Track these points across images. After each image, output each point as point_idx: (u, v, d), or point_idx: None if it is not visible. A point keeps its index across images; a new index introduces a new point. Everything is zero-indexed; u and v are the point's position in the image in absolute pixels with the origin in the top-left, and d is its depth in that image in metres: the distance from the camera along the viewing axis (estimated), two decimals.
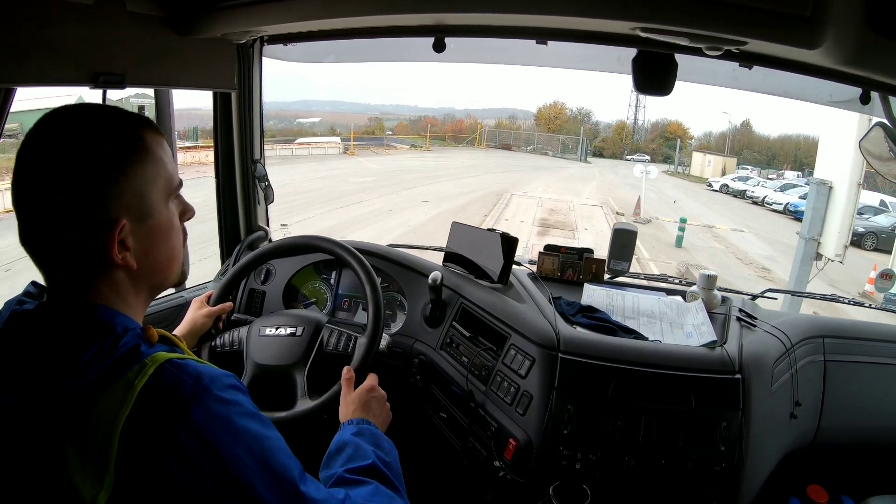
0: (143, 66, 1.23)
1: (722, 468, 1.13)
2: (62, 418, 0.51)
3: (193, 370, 0.56)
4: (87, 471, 0.50)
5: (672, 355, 1.20)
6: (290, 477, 0.59)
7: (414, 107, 42.24)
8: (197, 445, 0.53)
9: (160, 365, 0.55)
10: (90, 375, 0.52)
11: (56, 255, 0.58)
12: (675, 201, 18.64)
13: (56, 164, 0.56)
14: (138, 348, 0.56)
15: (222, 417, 0.55)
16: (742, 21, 0.78)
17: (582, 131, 33.47)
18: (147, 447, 0.51)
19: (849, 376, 1.38)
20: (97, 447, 0.50)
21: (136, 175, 0.59)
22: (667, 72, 1.16)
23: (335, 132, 32.21)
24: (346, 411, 1.02)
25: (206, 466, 0.53)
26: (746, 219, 16.36)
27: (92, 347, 0.54)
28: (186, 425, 0.53)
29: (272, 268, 1.67)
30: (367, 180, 16.77)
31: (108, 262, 0.59)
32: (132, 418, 0.51)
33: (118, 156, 0.58)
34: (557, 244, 1.63)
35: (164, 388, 0.53)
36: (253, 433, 0.57)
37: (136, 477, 0.51)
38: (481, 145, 33.15)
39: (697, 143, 32.50)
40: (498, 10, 0.97)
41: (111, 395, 0.52)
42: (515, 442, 1.19)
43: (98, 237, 0.57)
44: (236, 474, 0.55)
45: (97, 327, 0.56)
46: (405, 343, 1.49)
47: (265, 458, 0.57)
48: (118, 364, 0.53)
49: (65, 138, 0.57)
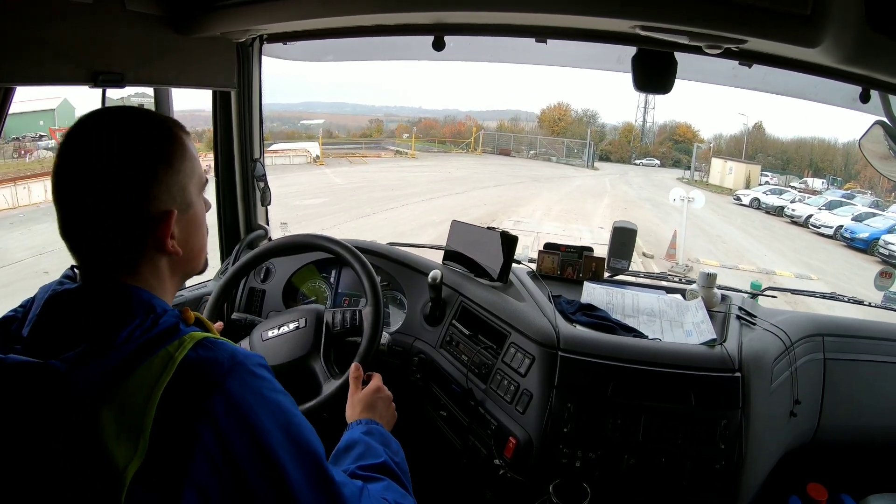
0: (142, 64, 1.23)
1: (722, 466, 1.13)
2: (101, 385, 0.53)
3: (228, 347, 0.60)
4: (121, 437, 0.52)
5: (672, 354, 1.20)
6: (316, 452, 0.62)
7: (418, 108, 41.53)
8: (230, 413, 0.55)
9: (199, 341, 0.58)
10: (130, 346, 0.55)
11: (99, 244, 0.61)
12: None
13: (106, 161, 0.59)
14: (177, 326, 0.59)
15: (255, 390, 0.58)
16: (742, 19, 0.78)
17: (589, 134, 30.53)
18: (183, 414, 0.54)
19: (848, 374, 1.38)
20: (134, 414, 0.52)
21: (180, 170, 0.64)
22: (667, 70, 1.16)
23: (333, 135, 30.33)
24: (353, 412, 1.03)
25: (238, 434, 0.55)
26: (798, 250, 12.67)
27: (134, 321, 0.57)
28: (222, 394, 0.55)
29: (272, 266, 1.67)
30: (315, 203, 12.92)
31: (156, 249, 0.63)
32: (171, 387, 0.54)
33: (164, 152, 0.62)
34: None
35: (202, 361, 0.56)
36: (283, 408, 0.60)
37: (169, 443, 0.53)
38: (476, 150, 29.21)
39: (708, 147, 29.57)
40: (497, 8, 0.97)
41: (150, 365, 0.54)
42: (515, 440, 1.19)
43: (148, 227, 0.61)
44: (265, 444, 0.57)
45: (138, 306, 0.59)
46: (405, 341, 1.49)
47: (293, 433, 0.60)
48: (159, 338, 0.56)
49: (112, 137, 0.61)
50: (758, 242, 12.86)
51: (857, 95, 1.17)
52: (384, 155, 26.36)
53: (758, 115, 33.87)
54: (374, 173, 19.93)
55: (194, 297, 1.63)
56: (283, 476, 0.58)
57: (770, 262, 10.74)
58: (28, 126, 13.76)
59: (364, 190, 15.80)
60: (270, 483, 0.57)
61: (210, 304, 1.33)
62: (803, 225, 15.65)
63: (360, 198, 14.18)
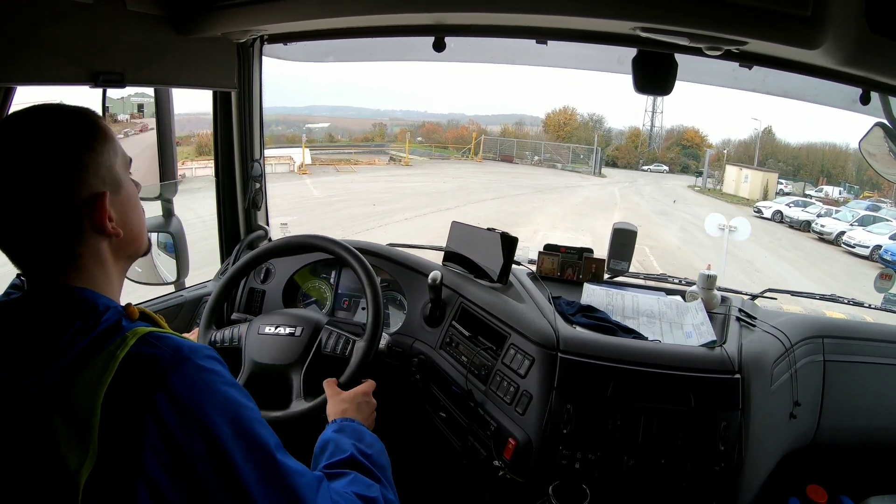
0: (143, 65, 1.23)
1: (721, 468, 1.13)
2: (49, 391, 0.53)
3: (173, 342, 0.59)
4: (72, 440, 0.52)
5: (671, 355, 1.20)
6: (266, 445, 0.61)
7: (423, 112, 40.85)
8: (176, 410, 0.55)
9: (141, 336, 0.57)
10: (74, 349, 0.55)
11: (38, 243, 0.60)
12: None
13: (30, 160, 0.59)
14: (119, 323, 0.59)
15: (200, 384, 0.57)
16: (742, 21, 0.78)
17: (596, 140, 28.96)
18: (128, 413, 0.53)
19: (848, 376, 1.38)
20: (82, 416, 0.52)
21: (103, 151, 0.63)
22: (667, 72, 1.16)
23: (334, 138, 29.44)
24: (335, 409, 1.02)
25: (184, 430, 0.55)
26: (836, 276, 10.91)
27: (76, 324, 0.57)
28: (166, 391, 0.54)
29: (272, 267, 1.67)
30: (274, 223, 7.71)
31: (96, 233, 0.62)
32: (114, 386, 0.53)
33: (84, 137, 0.62)
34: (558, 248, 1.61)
35: (144, 357, 0.56)
36: (231, 401, 0.60)
37: (118, 443, 0.53)
38: (477, 157, 27.69)
39: (716, 152, 28.28)
40: (498, 9, 0.97)
41: (94, 366, 0.54)
42: (515, 441, 1.19)
43: (83, 213, 0.61)
44: (213, 439, 0.56)
45: (80, 306, 0.59)
46: (405, 342, 1.49)
47: (241, 426, 0.59)
48: (101, 337, 0.56)
49: (31, 136, 0.60)
50: (793, 268, 11.37)
51: (857, 97, 1.17)
52: (378, 162, 24.53)
53: (766, 119, 31.97)
54: (361, 183, 18.22)
55: (194, 297, 1.63)
56: (234, 470, 0.57)
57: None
58: None
59: (343, 205, 13.65)
60: (221, 478, 0.57)
61: (210, 304, 1.33)
62: (833, 243, 14.11)
63: (335, 215, 12.18)
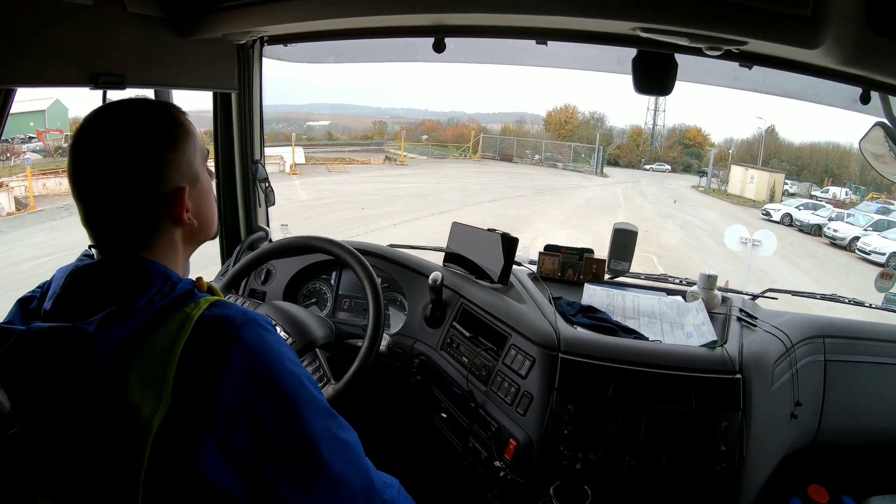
0: (143, 66, 1.23)
1: (722, 468, 1.13)
2: (125, 345, 0.58)
3: (239, 308, 0.65)
4: (146, 391, 0.57)
5: (672, 355, 1.20)
6: (323, 399, 0.68)
7: (424, 110, 40.49)
8: (246, 359, 0.61)
9: (213, 302, 0.64)
10: (151, 309, 0.61)
11: (120, 226, 0.67)
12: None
13: (117, 152, 0.65)
14: (193, 290, 0.65)
15: (266, 340, 0.64)
16: (742, 21, 0.78)
17: (598, 138, 27.96)
18: (202, 365, 0.59)
19: (849, 376, 1.38)
20: (157, 369, 0.58)
21: (185, 149, 0.69)
22: (667, 72, 1.16)
23: (334, 137, 29.55)
24: None
25: (255, 381, 0.61)
26: (857, 288, 8.96)
27: (153, 289, 0.62)
28: (237, 344, 0.61)
29: (272, 268, 1.67)
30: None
31: (173, 223, 0.69)
32: (190, 342, 0.59)
33: (167, 135, 0.68)
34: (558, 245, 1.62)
35: (217, 318, 0.62)
36: (292, 359, 0.66)
37: (191, 393, 0.58)
38: (475, 156, 26.88)
39: (719, 151, 27.44)
40: (497, 10, 0.97)
41: (170, 325, 0.60)
42: (516, 442, 1.19)
43: (163, 205, 0.67)
44: (279, 385, 0.62)
45: (155, 275, 0.65)
46: (405, 343, 1.49)
47: (303, 381, 0.65)
48: (176, 301, 0.62)
49: (120, 129, 0.66)
50: (809, 279, 10.37)
51: (857, 97, 1.17)
52: (373, 161, 23.74)
53: (768, 119, 31.08)
54: (352, 184, 17.28)
55: None
56: (298, 419, 0.63)
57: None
58: (18, 127, 13.67)
59: (329, 208, 12.69)
60: (287, 426, 0.62)
61: None
62: (847, 249, 13.38)
63: (319, 220, 11.16)
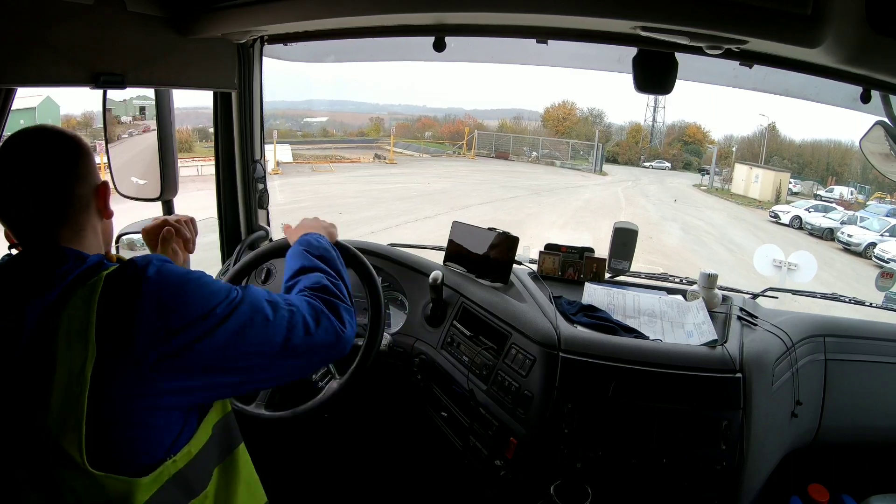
0: (143, 66, 1.23)
1: (723, 467, 1.13)
2: (49, 311, 0.68)
3: (142, 255, 0.76)
4: (73, 346, 0.66)
5: (673, 354, 1.20)
6: (227, 290, 0.78)
7: (422, 107, 40.16)
8: (158, 290, 0.70)
9: (121, 262, 0.75)
10: (64, 281, 0.70)
11: (51, 225, 0.76)
12: None
13: (48, 161, 0.77)
14: (102, 261, 0.75)
15: (169, 269, 0.74)
16: (743, 20, 0.78)
17: (597, 136, 27.03)
18: (118, 310, 0.68)
19: (850, 375, 1.38)
20: (79, 324, 0.67)
21: (91, 154, 0.83)
22: (667, 71, 1.15)
23: (329, 133, 28.93)
24: (293, 238, 1.15)
25: (169, 303, 0.71)
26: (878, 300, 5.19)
27: (67, 263, 0.73)
28: (146, 279, 0.71)
29: (272, 267, 1.67)
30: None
31: (99, 214, 0.82)
32: (105, 293, 0.69)
33: (84, 147, 0.82)
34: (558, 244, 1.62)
35: (122, 268, 0.73)
36: (191, 273, 0.76)
37: (113, 336, 0.67)
38: (469, 154, 25.58)
39: (720, 148, 26.50)
40: (498, 9, 0.97)
41: (84, 289, 0.70)
42: (516, 441, 1.19)
43: (94, 199, 0.81)
44: (192, 302, 0.72)
45: (70, 256, 0.75)
46: (406, 342, 1.49)
47: (214, 288, 0.77)
48: (87, 272, 0.72)
49: (47, 147, 0.78)
50: (828, 291, 8.28)
51: (857, 95, 1.17)
52: (363, 159, 22.23)
53: (769, 116, 30.66)
54: (335, 185, 15.85)
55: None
56: (215, 320, 0.73)
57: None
58: (9, 125, 13.64)
59: (303, 213, 9.68)
60: (208, 335, 0.72)
61: None
62: (863, 255, 12.43)
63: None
